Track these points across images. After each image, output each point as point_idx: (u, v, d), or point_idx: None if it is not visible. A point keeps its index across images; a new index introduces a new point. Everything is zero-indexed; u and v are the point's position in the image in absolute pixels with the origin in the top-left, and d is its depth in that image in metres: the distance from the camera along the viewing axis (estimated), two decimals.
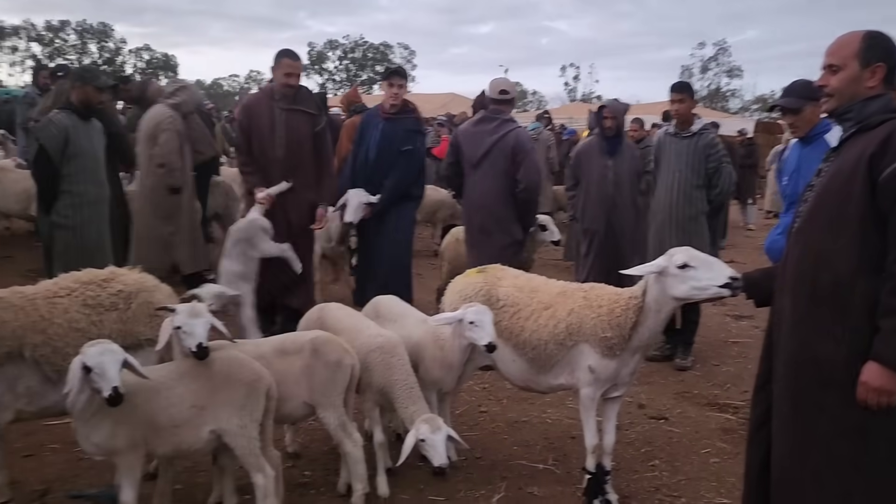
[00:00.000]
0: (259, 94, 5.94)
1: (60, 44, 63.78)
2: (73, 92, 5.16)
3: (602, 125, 6.01)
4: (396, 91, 5.54)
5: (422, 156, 5.80)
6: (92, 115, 5.11)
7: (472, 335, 3.40)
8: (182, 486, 3.59)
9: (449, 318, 3.52)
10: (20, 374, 2.91)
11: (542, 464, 4.06)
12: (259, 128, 5.36)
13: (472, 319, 3.40)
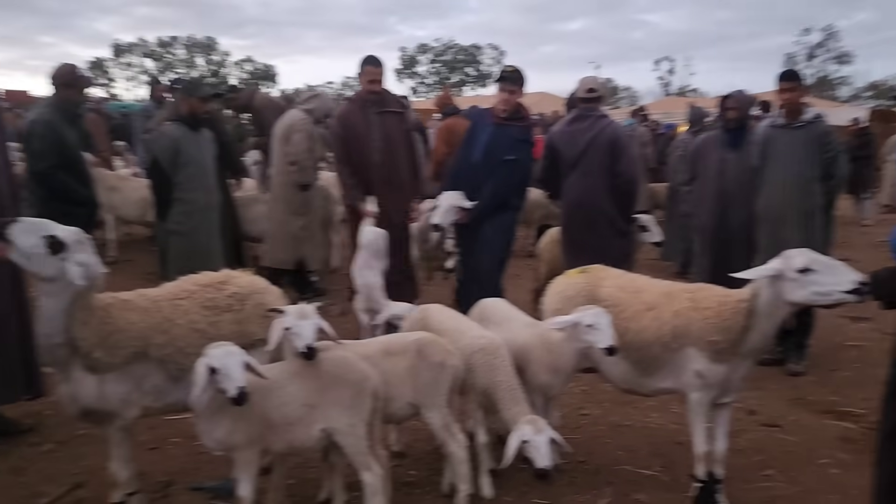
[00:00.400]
0: (350, 103, 6.06)
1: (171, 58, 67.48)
2: (181, 104, 5.46)
3: (724, 117, 5.79)
4: (507, 96, 5.25)
5: (526, 166, 5.41)
6: (201, 126, 5.39)
7: (591, 338, 3.32)
8: (294, 480, 3.72)
9: (565, 321, 3.42)
10: (146, 373, 3.08)
11: (647, 470, 3.96)
12: (356, 135, 5.61)
13: (590, 322, 3.32)
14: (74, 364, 2.90)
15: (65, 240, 2.72)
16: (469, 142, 5.44)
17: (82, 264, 2.78)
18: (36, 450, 4.05)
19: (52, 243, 2.69)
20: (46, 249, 2.68)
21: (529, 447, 3.26)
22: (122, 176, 9.45)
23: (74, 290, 2.81)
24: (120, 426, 3.05)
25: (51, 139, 5.04)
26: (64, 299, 2.80)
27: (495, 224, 5.34)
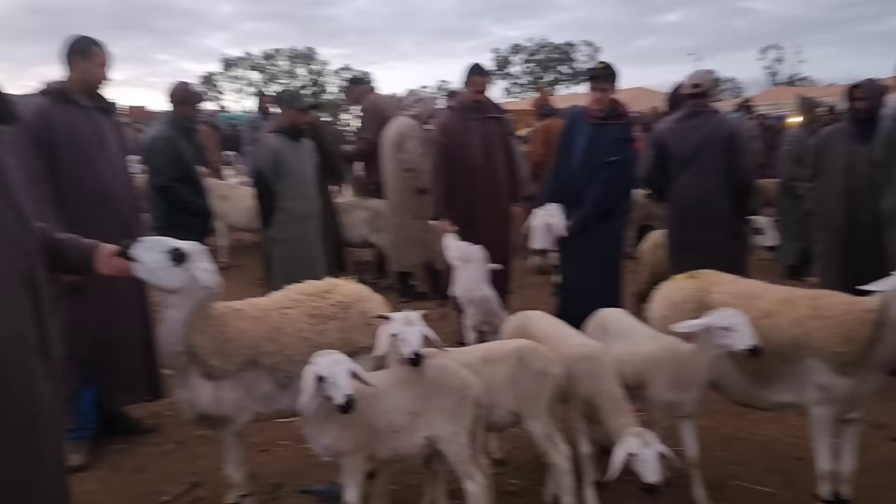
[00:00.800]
0: (451, 111, 6.07)
1: (274, 70, 70.25)
2: (282, 116, 5.66)
3: (852, 108, 5.43)
4: (599, 95, 5.05)
5: (630, 167, 5.22)
6: (301, 136, 5.56)
7: (728, 342, 3.10)
8: (397, 486, 3.76)
9: (694, 325, 3.21)
10: (257, 380, 3.20)
11: (763, 486, 3.74)
12: (458, 143, 5.67)
13: (724, 324, 3.10)
14: (192, 371, 3.04)
15: (187, 251, 2.87)
16: (566, 146, 5.27)
17: (206, 270, 2.92)
18: (157, 449, 4.29)
19: (176, 255, 2.83)
20: (170, 262, 2.81)
21: (636, 460, 3.13)
22: (232, 185, 9.91)
23: (195, 301, 2.95)
24: (233, 431, 3.18)
25: (169, 154, 5.34)
26: (186, 310, 2.94)
27: (602, 233, 5.11)
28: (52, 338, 2.47)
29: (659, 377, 3.38)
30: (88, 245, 2.74)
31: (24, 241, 2.36)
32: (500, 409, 3.35)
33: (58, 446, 2.48)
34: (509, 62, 67.34)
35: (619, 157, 4.99)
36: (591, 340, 3.62)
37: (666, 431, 3.73)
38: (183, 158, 5.42)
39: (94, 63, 4.04)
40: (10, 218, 2.32)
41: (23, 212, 2.39)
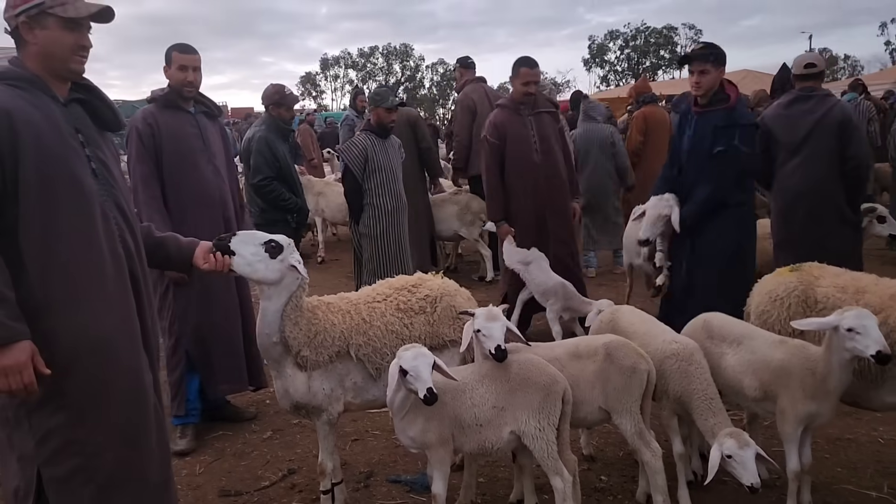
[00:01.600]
0: (501, 109, 5.80)
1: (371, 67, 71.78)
2: (370, 115, 5.77)
3: None
4: (695, 79, 4.59)
5: (739, 156, 4.52)
6: (388, 134, 5.64)
7: (855, 345, 2.86)
8: (484, 479, 3.79)
9: (817, 323, 2.98)
10: (347, 371, 3.29)
11: (875, 491, 3.51)
12: (516, 139, 5.59)
13: (850, 326, 2.85)
14: (287, 361, 3.17)
15: (281, 242, 2.99)
16: (677, 140, 4.90)
17: (300, 261, 3.05)
18: (257, 436, 4.50)
19: (272, 247, 2.95)
20: (266, 254, 2.94)
21: (733, 462, 3.01)
22: (328, 182, 10.20)
23: (290, 292, 3.07)
24: (326, 420, 3.28)
25: (265, 154, 5.56)
26: (281, 301, 3.07)
27: (713, 230, 4.54)
28: (151, 331, 2.63)
29: (793, 387, 3.12)
30: (188, 242, 2.90)
31: (129, 240, 2.53)
32: (588, 405, 3.30)
33: (162, 432, 2.64)
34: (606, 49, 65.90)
35: (724, 148, 4.47)
36: (684, 337, 3.49)
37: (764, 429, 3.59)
38: (278, 158, 5.63)
39: (174, 67, 4.23)
40: (118, 217, 2.50)
41: (126, 212, 2.56)
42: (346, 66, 72.21)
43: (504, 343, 3.02)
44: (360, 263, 5.74)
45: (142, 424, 2.54)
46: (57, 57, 2.36)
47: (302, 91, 71.69)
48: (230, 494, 3.76)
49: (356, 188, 5.60)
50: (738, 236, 4.54)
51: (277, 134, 5.70)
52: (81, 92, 2.49)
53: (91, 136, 2.47)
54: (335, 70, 72.23)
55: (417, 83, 71.65)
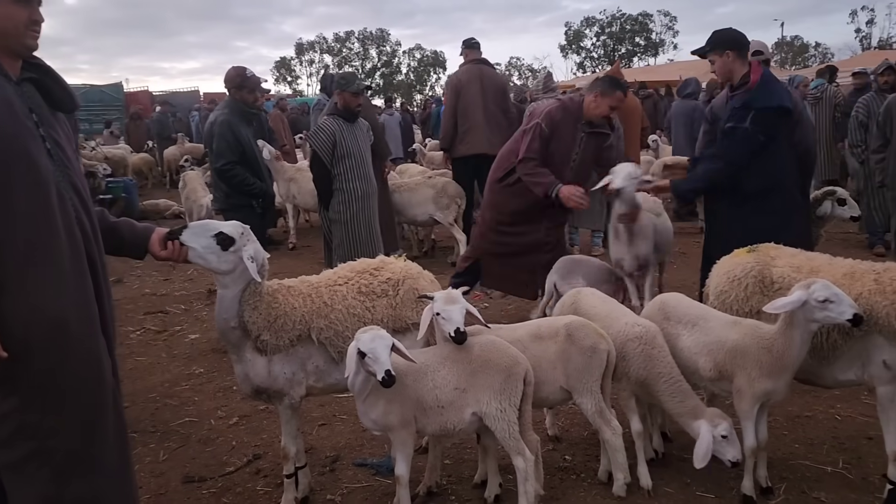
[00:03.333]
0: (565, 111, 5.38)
1: (347, 52, 71.16)
2: (337, 99, 5.72)
3: None
4: (712, 69, 4.72)
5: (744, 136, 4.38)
6: (356, 117, 5.61)
7: (829, 314, 2.90)
8: (451, 461, 3.81)
9: (790, 302, 2.96)
10: (309, 355, 3.28)
11: (830, 466, 3.60)
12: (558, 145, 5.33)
13: (824, 296, 2.90)
14: (246, 346, 3.15)
15: (232, 234, 2.94)
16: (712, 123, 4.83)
17: (253, 258, 2.99)
18: (223, 423, 4.48)
19: (223, 239, 2.92)
20: (218, 247, 2.91)
21: (724, 442, 3.13)
22: (300, 167, 10.12)
23: (247, 280, 3.04)
24: (288, 405, 3.27)
25: (228, 138, 5.50)
26: (238, 288, 3.05)
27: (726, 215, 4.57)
28: (109, 314, 2.60)
29: (750, 365, 3.15)
30: (143, 228, 2.87)
31: (85, 221, 2.50)
32: (550, 385, 3.34)
33: (120, 417, 2.62)
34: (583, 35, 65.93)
35: (732, 125, 4.41)
36: (645, 320, 3.53)
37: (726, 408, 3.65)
38: (241, 142, 5.55)
39: None
40: (74, 199, 2.46)
41: (83, 193, 2.52)
42: (321, 50, 71.53)
43: (464, 325, 3.04)
44: (330, 249, 5.72)
45: (99, 409, 2.51)
46: (10, 33, 2.31)
47: (276, 76, 71.02)
48: (194, 481, 3.75)
49: (325, 174, 5.56)
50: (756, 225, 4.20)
51: (241, 117, 5.63)
52: (33, 71, 2.44)
53: (45, 117, 2.42)
54: (310, 55, 71.54)
55: (394, 68, 71.16)
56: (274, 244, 10.08)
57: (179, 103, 25.59)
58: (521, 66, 70.28)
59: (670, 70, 28.57)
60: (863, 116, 7.33)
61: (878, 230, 7.91)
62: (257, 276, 3.00)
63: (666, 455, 3.73)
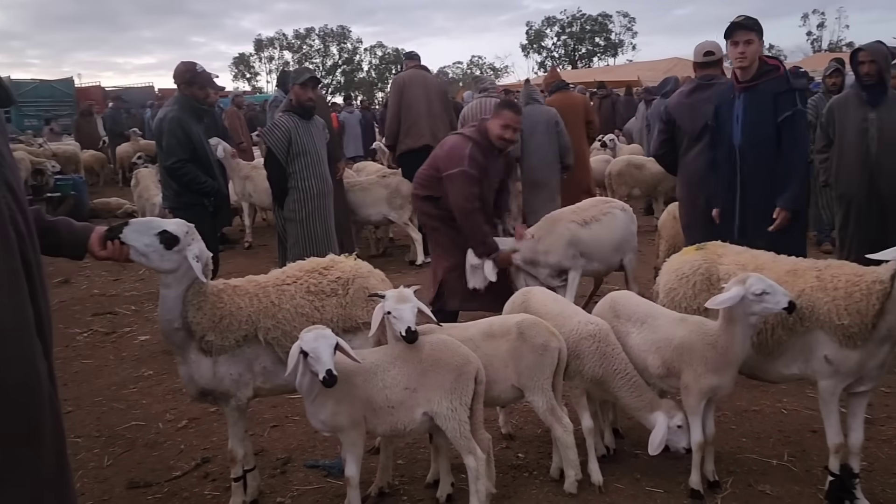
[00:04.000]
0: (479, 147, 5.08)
1: (307, 49, 70.40)
2: (290, 95, 5.62)
3: (858, 72, 5.19)
4: (742, 50, 4.32)
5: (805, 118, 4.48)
6: (312, 114, 5.51)
7: (766, 305, 2.94)
8: (403, 461, 3.79)
9: (728, 298, 2.99)
10: (256, 356, 3.23)
11: (776, 459, 3.67)
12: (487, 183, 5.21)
13: (762, 289, 2.94)
14: (191, 347, 3.08)
15: (176, 233, 2.87)
16: (720, 128, 4.59)
17: (198, 257, 2.92)
18: (171, 426, 4.38)
19: (166, 239, 2.84)
20: (161, 245, 2.83)
21: (680, 432, 3.24)
22: (255, 165, 9.98)
23: (191, 279, 2.97)
24: (234, 406, 3.21)
25: (178, 135, 5.37)
26: (181, 288, 2.98)
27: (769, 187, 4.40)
28: (45, 316, 2.51)
29: (696, 362, 3.20)
30: (82, 228, 2.77)
31: (19, 220, 2.40)
32: (502, 383, 3.34)
33: (57, 422, 2.53)
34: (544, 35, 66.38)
35: (791, 112, 4.28)
36: (598, 318, 3.56)
37: None
38: (192, 139, 5.43)
39: None
40: (7, 196, 2.36)
41: (17, 191, 2.42)
42: (281, 47, 70.65)
43: (415, 325, 3.01)
44: (284, 249, 5.62)
45: (34, 415, 2.43)
46: None
47: (235, 73, 69.93)
48: (139, 486, 3.65)
49: (280, 172, 5.45)
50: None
51: (191, 114, 5.50)
52: None
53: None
54: (270, 51, 70.62)
55: (355, 66, 70.70)
56: (229, 243, 9.92)
57: (133, 99, 25.04)
58: (483, 64, 70.45)
59: (629, 70, 29.04)
60: (811, 117, 7.51)
61: (825, 228, 8.14)
62: (203, 277, 2.93)
63: (617, 451, 3.76)
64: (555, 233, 5.41)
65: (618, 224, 5.56)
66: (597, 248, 5.50)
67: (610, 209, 5.64)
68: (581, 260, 5.47)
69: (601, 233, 5.50)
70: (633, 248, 5.72)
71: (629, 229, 5.65)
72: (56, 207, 11.32)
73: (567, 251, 5.39)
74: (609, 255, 5.58)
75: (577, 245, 5.42)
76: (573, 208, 5.68)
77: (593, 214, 5.53)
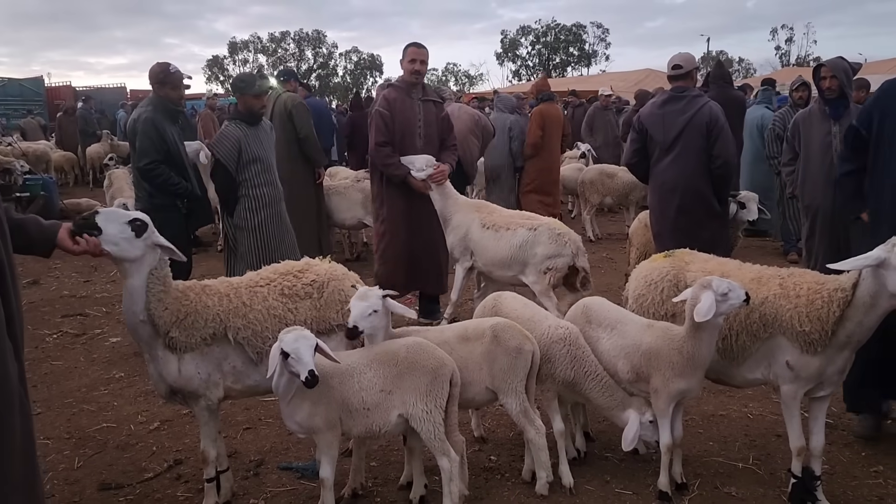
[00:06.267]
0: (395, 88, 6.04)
1: (282, 53, 69.98)
2: (238, 102, 5.53)
3: (820, 86, 5.35)
4: None
5: None
6: (259, 120, 5.46)
7: (731, 303, 3.01)
8: (377, 463, 3.81)
9: (708, 306, 3.02)
10: (225, 355, 3.23)
11: (741, 462, 3.77)
12: (403, 120, 5.80)
13: (724, 290, 3.00)
14: (158, 343, 3.09)
15: (146, 221, 2.93)
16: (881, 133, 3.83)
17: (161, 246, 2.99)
18: (144, 427, 4.35)
19: (138, 226, 2.89)
20: (132, 233, 2.87)
21: (652, 427, 3.35)
22: None
23: (150, 267, 3.00)
24: (204, 406, 3.21)
25: (152, 136, 5.31)
26: (142, 276, 2.99)
27: None
28: (17, 317, 2.50)
29: (664, 366, 3.27)
30: (50, 224, 2.76)
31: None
32: (475, 386, 3.38)
33: (27, 424, 2.52)
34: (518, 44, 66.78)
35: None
36: (567, 322, 3.63)
37: None
38: (166, 140, 5.38)
39: None
40: None
41: None
42: (255, 50, 70.15)
43: (362, 322, 3.11)
44: (234, 257, 5.46)
45: (3, 416, 2.41)
46: None
47: (209, 75, 69.27)
48: (110, 488, 3.63)
49: (229, 182, 5.32)
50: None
51: (165, 115, 5.45)
52: None
53: None
54: (244, 54, 70.06)
55: (330, 70, 70.47)
56: (202, 245, 9.85)
57: (105, 100, 24.72)
58: (458, 71, 70.71)
59: (602, 80, 29.39)
60: (779, 129, 7.71)
61: (792, 238, 8.34)
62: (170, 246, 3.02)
63: (588, 454, 3.82)
64: (463, 220, 5.61)
65: (514, 242, 5.31)
66: (482, 254, 5.53)
67: (520, 226, 5.38)
68: (468, 258, 5.64)
69: (489, 244, 5.45)
70: (535, 270, 5.29)
71: (530, 251, 5.27)
72: (25, 208, 11.10)
73: (461, 242, 5.62)
74: (494, 268, 5.49)
75: (467, 241, 5.60)
76: (497, 209, 5.79)
77: (500, 223, 5.46)
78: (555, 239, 5.23)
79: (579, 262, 5.26)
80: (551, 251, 5.22)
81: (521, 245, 5.29)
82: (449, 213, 5.63)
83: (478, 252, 5.52)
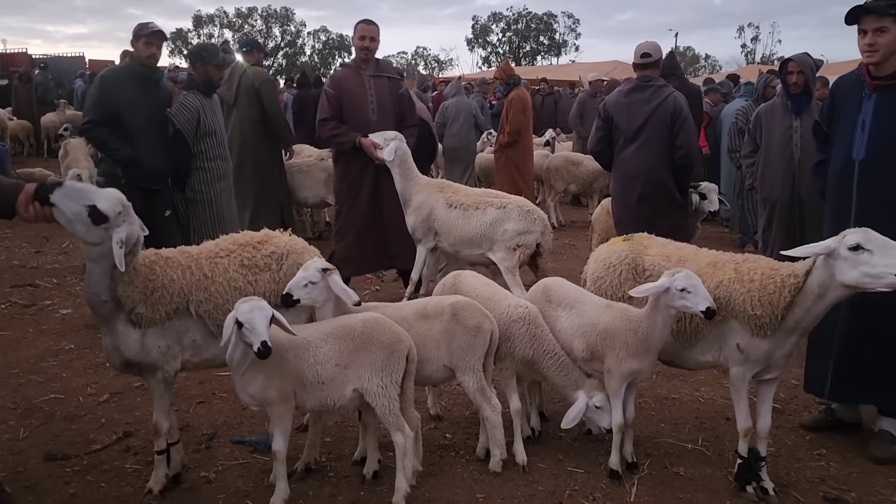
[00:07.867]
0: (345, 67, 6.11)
1: (249, 29, 68.68)
2: (197, 71, 5.38)
3: (786, 81, 5.42)
4: (871, 38, 3.42)
5: None
6: (214, 91, 5.35)
7: (685, 303, 3.05)
8: (331, 439, 3.80)
9: (653, 287, 3.12)
10: (186, 329, 3.16)
11: (691, 444, 3.84)
12: (352, 97, 5.74)
13: (682, 286, 3.04)
14: (119, 318, 3.00)
15: (106, 212, 2.74)
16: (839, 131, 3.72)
17: (124, 242, 2.79)
18: (93, 399, 4.26)
19: (94, 215, 2.72)
20: (88, 219, 2.72)
21: (599, 412, 3.41)
22: None
23: None
24: (161, 379, 3.15)
25: (98, 94, 5.06)
26: (107, 263, 2.85)
27: None
28: None
29: (618, 347, 3.32)
30: (11, 186, 2.67)
31: None
32: (434, 363, 3.39)
33: None
34: (489, 31, 66.65)
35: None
36: (526, 302, 3.65)
37: None
38: (116, 102, 5.02)
39: None
40: None
41: None
42: (221, 25, 68.77)
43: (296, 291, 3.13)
44: (183, 232, 5.30)
45: None
46: None
47: (172, 48, 67.72)
48: (57, 458, 3.55)
49: (186, 152, 5.22)
50: None
51: (130, 76, 5.13)
52: None
53: None
54: (209, 29, 68.61)
55: (298, 49, 69.45)
56: None
57: (62, 69, 23.96)
58: (428, 56, 70.37)
59: (571, 70, 29.55)
60: (742, 123, 7.85)
61: (749, 230, 8.50)
62: (122, 265, 2.78)
63: (542, 433, 3.86)
64: (426, 200, 5.35)
65: (484, 220, 5.19)
66: (449, 233, 5.33)
67: (489, 204, 5.25)
68: (431, 238, 5.42)
69: (457, 222, 5.30)
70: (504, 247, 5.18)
71: (500, 227, 5.16)
72: None
73: (423, 223, 5.36)
74: (462, 247, 5.35)
75: (431, 222, 5.35)
76: (462, 188, 5.63)
77: (467, 202, 5.32)
78: (524, 216, 5.16)
79: (544, 241, 5.25)
80: (521, 227, 5.14)
81: (491, 223, 5.18)
82: (409, 194, 5.39)
83: (444, 232, 5.34)
